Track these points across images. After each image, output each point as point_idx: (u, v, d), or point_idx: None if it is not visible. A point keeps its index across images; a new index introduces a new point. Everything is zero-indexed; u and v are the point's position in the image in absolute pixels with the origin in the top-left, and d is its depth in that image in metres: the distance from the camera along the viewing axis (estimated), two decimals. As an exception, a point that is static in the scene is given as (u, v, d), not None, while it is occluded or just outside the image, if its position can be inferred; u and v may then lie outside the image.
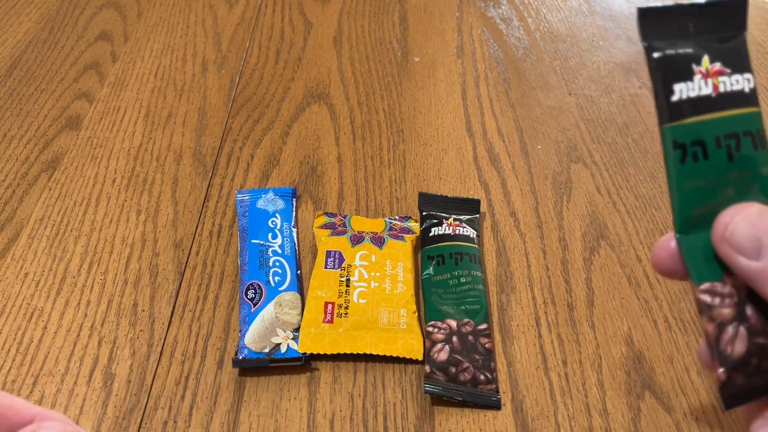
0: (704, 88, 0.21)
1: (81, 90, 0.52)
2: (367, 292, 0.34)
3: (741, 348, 0.20)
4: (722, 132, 0.21)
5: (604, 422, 0.31)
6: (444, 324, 0.33)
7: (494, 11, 0.62)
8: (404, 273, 0.35)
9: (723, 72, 0.21)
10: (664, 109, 0.21)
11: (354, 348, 0.32)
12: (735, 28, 0.22)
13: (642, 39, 0.22)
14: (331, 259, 0.36)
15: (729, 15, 0.22)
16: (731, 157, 0.21)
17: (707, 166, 0.21)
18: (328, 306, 0.34)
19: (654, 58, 0.21)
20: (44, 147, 0.46)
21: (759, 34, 0.59)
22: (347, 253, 0.36)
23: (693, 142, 0.21)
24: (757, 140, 0.21)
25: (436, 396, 0.31)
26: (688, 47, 0.21)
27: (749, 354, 0.20)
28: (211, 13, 0.61)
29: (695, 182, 0.21)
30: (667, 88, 0.21)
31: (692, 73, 0.21)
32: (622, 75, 0.54)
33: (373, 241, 0.37)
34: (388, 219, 0.40)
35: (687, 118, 0.21)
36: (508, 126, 0.49)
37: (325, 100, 0.51)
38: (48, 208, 0.41)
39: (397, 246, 0.37)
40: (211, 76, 0.53)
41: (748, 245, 0.20)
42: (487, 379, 0.32)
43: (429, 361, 0.32)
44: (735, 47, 0.22)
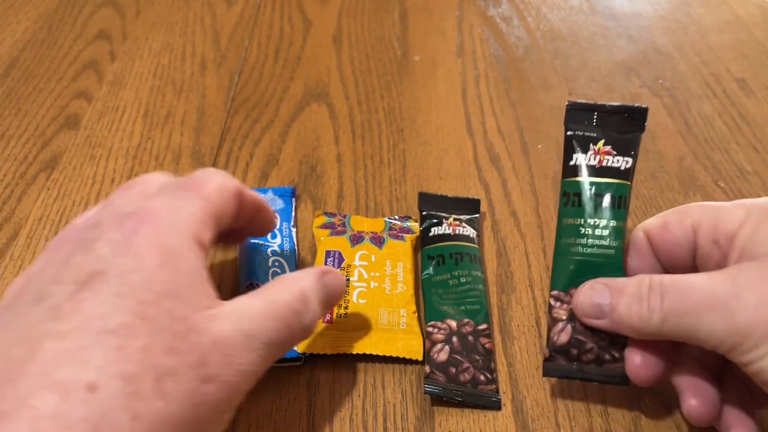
0: (593, 161, 0.31)
1: (79, 89, 0.51)
2: (366, 292, 0.34)
3: (564, 338, 0.29)
4: (595, 191, 0.30)
5: (605, 423, 0.31)
6: (444, 324, 0.33)
7: (494, 10, 0.62)
8: (404, 273, 0.35)
9: (610, 153, 0.31)
10: (564, 168, 0.31)
11: (354, 348, 0.32)
12: (636, 127, 0.31)
13: (565, 122, 0.32)
14: (331, 258, 0.36)
15: (634, 117, 0.31)
16: (596, 208, 0.30)
17: (578, 210, 0.31)
18: None
19: (567, 134, 0.32)
20: (43, 146, 0.46)
21: (760, 33, 0.59)
22: (347, 253, 0.36)
23: (574, 193, 0.31)
24: (619, 202, 0.30)
25: (436, 396, 0.31)
26: (592, 132, 0.31)
27: (569, 344, 0.29)
28: (209, 11, 0.61)
29: (569, 220, 0.31)
30: (569, 155, 0.31)
31: (588, 149, 0.31)
32: (623, 74, 0.54)
33: (372, 241, 0.37)
34: (388, 219, 0.40)
35: (575, 177, 0.31)
36: (508, 125, 0.48)
37: (324, 99, 0.51)
38: (47, 208, 0.41)
39: (396, 246, 0.37)
40: (210, 75, 0.53)
41: (592, 312, 0.28)
42: (487, 379, 0.31)
43: (429, 361, 0.32)
44: (629, 139, 0.31)
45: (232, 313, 0.23)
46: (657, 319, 0.26)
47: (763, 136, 0.48)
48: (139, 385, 0.20)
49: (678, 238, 0.29)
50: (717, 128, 0.49)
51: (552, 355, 0.30)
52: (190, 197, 0.25)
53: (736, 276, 0.25)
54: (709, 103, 0.51)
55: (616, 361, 0.29)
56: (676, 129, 0.48)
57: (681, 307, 0.25)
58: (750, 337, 0.24)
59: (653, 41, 0.58)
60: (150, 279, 0.22)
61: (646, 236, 0.30)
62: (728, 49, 0.57)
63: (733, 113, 0.50)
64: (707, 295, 0.25)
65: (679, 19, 0.62)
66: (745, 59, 0.56)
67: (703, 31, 0.60)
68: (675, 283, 0.26)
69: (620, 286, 0.28)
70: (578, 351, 0.29)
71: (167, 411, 0.20)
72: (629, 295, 0.27)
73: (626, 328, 0.28)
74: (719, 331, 0.24)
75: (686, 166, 0.45)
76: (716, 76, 0.54)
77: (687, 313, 0.25)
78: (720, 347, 0.25)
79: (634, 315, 0.27)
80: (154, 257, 0.22)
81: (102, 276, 0.21)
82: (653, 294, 0.26)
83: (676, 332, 0.26)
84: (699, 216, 0.28)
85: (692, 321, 0.25)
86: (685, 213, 0.29)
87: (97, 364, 0.19)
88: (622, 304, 0.27)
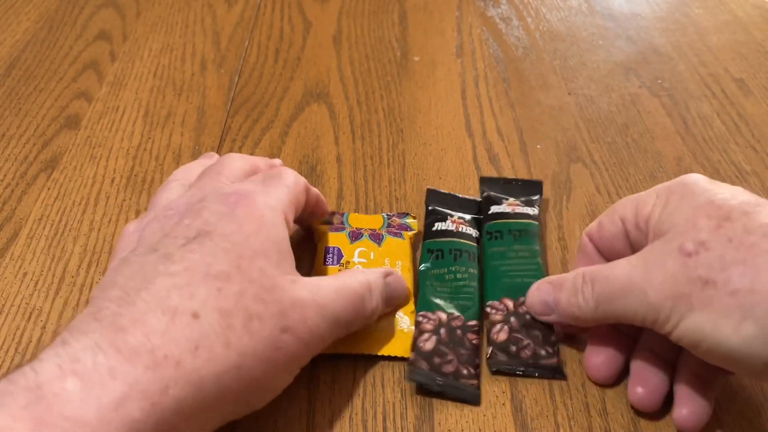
0: (508, 209, 0.39)
1: (80, 89, 0.51)
2: None
3: (503, 337, 0.33)
4: (513, 228, 0.38)
5: (604, 422, 0.31)
6: (434, 315, 0.33)
7: (494, 10, 0.62)
8: (402, 271, 0.35)
9: (520, 205, 0.39)
10: (486, 217, 0.39)
11: (352, 348, 0.32)
12: (536, 192, 0.41)
13: (480, 186, 0.42)
14: (330, 255, 0.36)
15: (532, 186, 0.41)
16: (516, 240, 0.37)
17: (502, 242, 0.37)
18: None
19: (483, 195, 0.41)
20: (43, 146, 0.46)
21: (758, 34, 0.59)
22: (346, 250, 0.36)
23: (496, 231, 0.38)
24: (532, 234, 0.38)
25: (417, 384, 0.31)
26: (500, 192, 0.41)
27: (509, 341, 0.33)
28: (210, 12, 0.61)
29: (495, 249, 0.37)
30: (486, 209, 0.39)
31: (503, 203, 0.40)
32: (622, 74, 0.54)
33: (371, 238, 0.37)
34: (386, 215, 0.40)
35: (496, 221, 0.39)
36: (507, 126, 0.48)
37: (324, 100, 0.51)
38: (47, 208, 0.41)
39: (395, 243, 0.37)
40: (210, 76, 0.53)
41: (542, 310, 0.32)
42: (470, 373, 0.32)
43: (415, 349, 0.32)
44: (531, 200, 0.40)
45: (310, 284, 0.28)
46: (591, 306, 0.29)
47: (761, 136, 0.48)
48: (232, 320, 0.24)
49: (612, 233, 0.31)
50: (716, 128, 0.49)
51: (494, 352, 0.32)
52: (277, 185, 0.30)
53: (647, 257, 0.28)
54: (708, 104, 0.51)
55: (551, 356, 0.32)
56: (674, 129, 0.49)
57: (608, 292, 0.29)
58: (662, 311, 0.26)
59: (652, 42, 0.58)
60: (248, 241, 0.26)
61: (589, 239, 0.33)
62: (727, 50, 0.57)
63: (731, 113, 0.50)
64: (626, 280, 0.28)
65: (677, 19, 0.62)
66: (744, 59, 0.56)
67: (701, 31, 0.60)
68: (602, 272, 0.29)
69: (560, 282, 0.31)
70: (516, 348, 0.33)
71: (252, 346, 0.24)
72: (567, 289, 0.31)
73: (571, 318, 0.31)
74: (640, 310, 0.27)
75: (685, 166, 0.45)
76: (715, 77, 0.54)
77: (613, 297, 0.28)
78: (645, 323, 0.28)
79: (573, 306, 0.30)
80: (252, 225, 0.27)
81: (209, 234, 0.26)
82: (585, 285, 0.30)
83: (609, 315, 0.29)
84: (623, 208, 0.31)
85: (618, 304, 0.28)
86: (614, 209, 0.32)
87: (201, 298, 0.24)
88: (563, 298, 0.31)
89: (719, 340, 0.25)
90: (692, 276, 0.26)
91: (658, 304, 0.27)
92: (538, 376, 0.32)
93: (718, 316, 0.25)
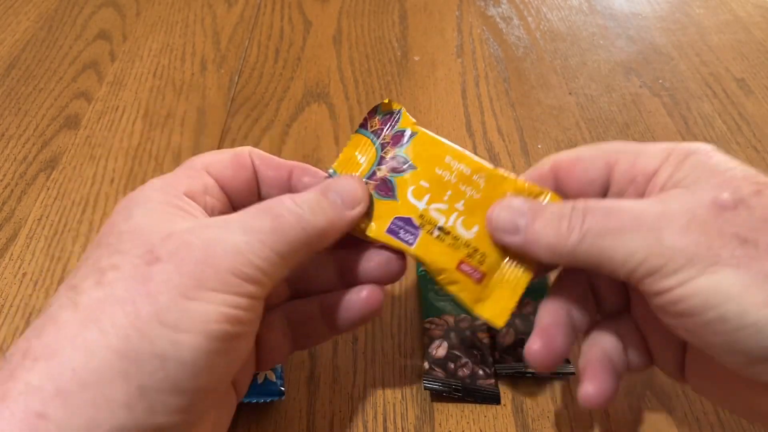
0: None
1: (79, 89, 0.51)
2: None
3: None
4: None
5: (605, 422, 0.31)
6: (441, 320, 0.33)
7: (494, 10, 0.62)
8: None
9: None
10: None
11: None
12: None
13: None
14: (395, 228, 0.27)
15: None
16: None
17: None
18: None
19: None
20: (42, 146, 0.46)
21: (759, 33, 0.59)
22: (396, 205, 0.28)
23: None
24: None
25: (436, 392, 0.31)
26: None
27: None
28: (210, 12, 0.61)
29: None
30: None
31: None
32: (623, 74, 0.54)
33: (393, 171, 0.28)
34: (363, 131, 0.29)
35: None
36: (508, 125, 0.48)
37: (324, 100, 0.51)
38: (46, 208, 0.41)
39: (420, 146, 0.29)
40: (210, 76, 0.53)
41: (507, 227, 0.26)
42: (485, 373, 0.31)
43: (427, 357, 0.32)
44: None
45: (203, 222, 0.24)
46: (575, 236, 0.24)
47: (762, 136, 0.48)
48: None
49: (589, 174, 0.27)
50: (717, 128, 0.49)
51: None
52: (176, 170, 0.27)
53: (665, 200, 0.23)
54: (709, 103, 0.51)
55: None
56: (675, 129, 0.48)
57: (603, 226, 0.24)
58: (674, 259, 0.22)
59: (653, 41, 0.58)
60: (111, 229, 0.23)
61: (554, 169, 0.28)
62: (728, 49, 0.57)
63: (732, 113, 0.50)
64: (634, 215, 0.23)
65: (678, 19, 0.62)
66: (745, 59, 0.56)
67: (702, 31, 0.60)
68: (601, 203, 0.24)
69: (540, 206, 0.26)
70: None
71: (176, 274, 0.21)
72: (550, 213, 0.25)
73: (539, 246, 0.25)
74: (640, 253, 0.23)
75: (686, 166, 0.45)
76: (716, 76, 0.54)
77: (608, 233, 0.23)
78: (635, 272, 0.23)
79: (551, 232, 0.25)
80: (117, 215, 0.24)
81: None
82: (575, 213, 0.25)
83: (592, 254, 0.24)
84: (616, 153, 0.26)
85: (611, 242, 0.23)
86: (601, 149, 0.27)
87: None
88: (539, 221, 0.25)
89: (745, 307, 0.21)
90: (726, 231, 0.22)
91: (673, 250, 0.22)
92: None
93: (753, 280, 0.21)
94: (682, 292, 0.22)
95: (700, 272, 0.21)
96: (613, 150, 0.27)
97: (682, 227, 0.22)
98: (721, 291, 0.21)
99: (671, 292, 0.22)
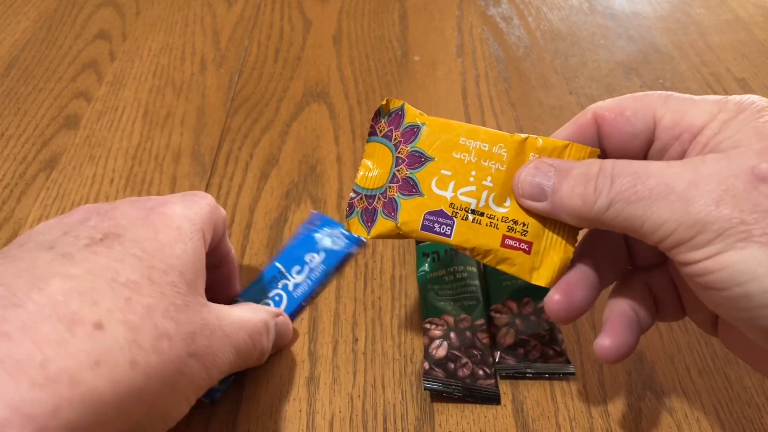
0: None
1: (79, 89, 0.51)
2: None
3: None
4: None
5: (605, 423, 0.31)
6: (441, 320, 0.33)
7: (494, 10, 0.62)
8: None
9: None
10: None
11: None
12: None
13: None
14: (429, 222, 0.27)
15: None
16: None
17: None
18: None
19: None
20: (42, 146, 0.46)
21: (760, 33, 0.59)
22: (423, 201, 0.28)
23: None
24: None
25: (436, 392, 0.31)
26: None
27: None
28: (209, 11, 0.61)
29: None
30: None
31: None
32: (623, 74, 0.54)
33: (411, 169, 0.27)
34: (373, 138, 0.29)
35: None
36: (508, 125, 0.48)
37: (324, 99, 0.51)
38: (46, 208, 0.41)
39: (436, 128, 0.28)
40: (210, 75, 0.53)
41: (532, 193, 0.26)
42: (485, 374, 0.31)
43: (427, 357, 0.32)
44: None
45: (217, 310, 0.26)
46: (603, 202, 0.23)
47: (763, 135, 0.48)
48: (140, 336, 0.21)
49: (635, 127, 0.25)
50: (717, 128, 0.49)
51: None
52: (198, 201, 0.28)
53: (698, 166, 0.22)
54: (710, 103, 0.51)
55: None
56: (676, 129, 0.48)
57: (632, 192, 0.23)
58: (704, 232, 0.21)
59: (653, 41, 0.58)
60: (162, 251, 0.24)
61: (596, 120, 0.26)
62: (728, 49, 0.57)
63: (733, 113, 0.50)
64: (664, 182, 0.22)
65: (678, 19, 0.62)
66: (745, 59, 0.56)
67: (703, 31, 0.60)
68: (629, 166, 0.23)
69: (567, 167, 0.25)
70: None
71: (160, 368, 0.21)
72: (576, 176, 0.24)
73: (566, 212, 0.25)
74: (670, 223, 0.22)
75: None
76: (716, 76, 0.54)
77: (638, 200, 0.22)
78: (665, 241, 0.22)
79: (576, 197, 0.24)
80: (168, 234, 0.24)
81: (119, 238, 0.23)
82: (603, 176, 0.23)
83: (620, 220, 0.23)
84: (663, 106, 0.25)
85: (641, 209, 0.22)
86: (646, 101, 0.26)
87: (106, 306, 0.21)
88: (566, 185, 0.24)
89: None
90: (762, 204, 0.21)
91: (704, 221, 0.21)
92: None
93: None
94: (709, 265, 0.21)
95: (729, 246, 0.21)
96: (660, 102, 0.25)
97: (714, 199, 0.21)
98: (748, 268, 0.21)
99: (698, 264, 0.22)
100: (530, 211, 0.26)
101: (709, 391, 0.32)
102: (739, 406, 0.31)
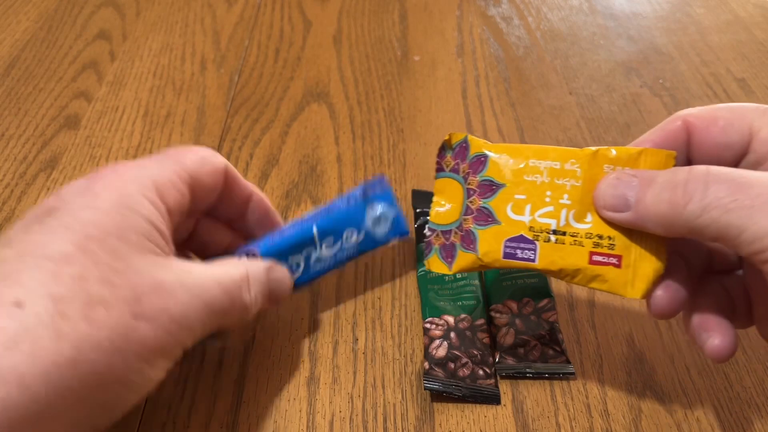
0: None
1: (79, 89, 0.51)
2: None
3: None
4: None
5: (605, 423, 0.31)
6: (441, 320, 0.33)
7: (494, 10, 0.62)
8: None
9: None
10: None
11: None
12: None
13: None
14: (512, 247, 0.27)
15: None
16: None
17: None
18: None
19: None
20: (42, 146, 0.46)
21: (760, 33, 0.59)
22: None
23: None
24: None
25: (436, 392, 0.31)
26: None
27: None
28: (210, 11, 0.61)
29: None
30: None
31: None
32: (623, 74, 0.54)
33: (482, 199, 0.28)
34: (443, 174, 0.29)
35: None
36: (508, 125, 0.48)
37: (324, 100, 0.51)
38: (46, 208, 0.41)
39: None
40: (210, 75, 0.53)
41: (615, 204, 0.25)
42: (485, 374, 0.31)
43: (427, 357, 0.32)
44: None
45: (180, 268, 0.25)
46: (694, 208, 0.22)
47: (763, 136, 0.48)
48: (66, 306, 0.21)
49: (729, 138, 0.24)
50: (717, 128, 0.49)
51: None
52: (163, 161, 0.27)
53: None
54: (710, 103, 0.51)
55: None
56: (676, 129, 0.48)
57: (731, 200, 0.21)
58: None
59: (653, 41, 0.58)
60: (99, 217, 0.23)
61: (686, 127, 0.26)
62: (728, 49, 0.57)
63: (733, 113, 0.50)
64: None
65: (679, 19, 0.62)
66: (745, 59, 0.56)
67: (703, 31, 0.60)
68: (729, 173, 0.22)
69: (651, 175, 0.24)
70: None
71: (93, 336, 0.21)
72: (661, 183, 0.23)
73: (652, 220, 0.24)
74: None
75: (686, 166, 0.45)
76: (716, 76, 0.54)
77: (738, 208, 0.21)
78: (761, 253, 0.21)
79: (663, 203, 0.23)
80: (108, 199, 0.24)
81: (56, 211, 0.23)
82: (695, 181, 0.22)
83: (714, 228, 0.22)
84: (761, 119, 0.24)
85: (742, 218, 0.21)
86: (742, 112, 0.25)
87: (29, 284, 0.21)
88: (650, 193, 0.24)
89: None
90: None
91: None
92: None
93: None
94: None
95: None
96: (758, 114, 0.25)
97: None
98: None
99: None
100: (614, 223, 0.25)
101: (709, 391, 0.32)
102: (739, 406, 0.31)
